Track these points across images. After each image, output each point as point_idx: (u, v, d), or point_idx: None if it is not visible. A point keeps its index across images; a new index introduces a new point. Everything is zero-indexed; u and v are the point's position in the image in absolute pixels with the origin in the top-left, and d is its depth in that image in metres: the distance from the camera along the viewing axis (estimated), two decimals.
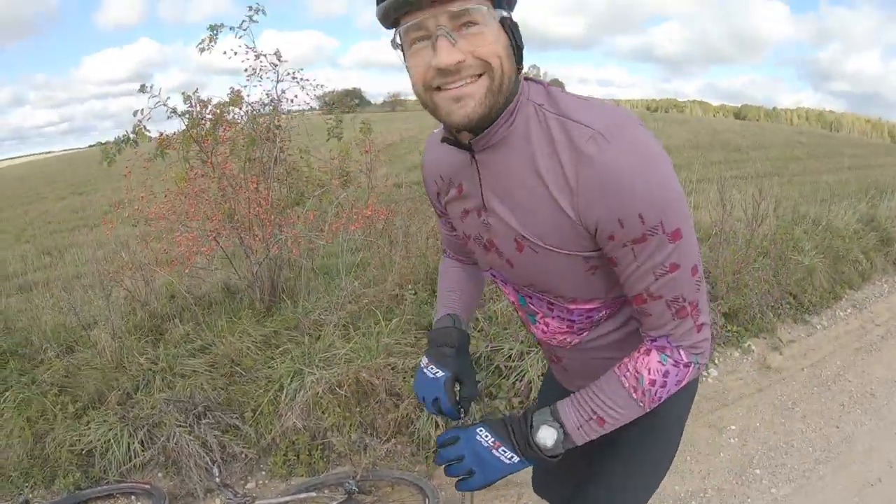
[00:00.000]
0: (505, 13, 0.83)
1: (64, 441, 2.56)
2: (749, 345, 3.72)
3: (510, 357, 2.71)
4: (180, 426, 2.48)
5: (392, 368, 2.55)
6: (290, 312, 3.35)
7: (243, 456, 2.49)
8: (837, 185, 7.95)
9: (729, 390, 3.32)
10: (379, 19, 0.84)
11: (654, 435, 1.17)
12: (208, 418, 2.50)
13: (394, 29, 0.85)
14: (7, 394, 2.84)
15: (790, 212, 5.73)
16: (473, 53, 0.80)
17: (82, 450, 2.53)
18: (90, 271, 5.07)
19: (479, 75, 0.82)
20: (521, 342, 2.76)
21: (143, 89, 3.08)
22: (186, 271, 3.56)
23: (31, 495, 2.51)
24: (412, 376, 2.54)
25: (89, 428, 2.57)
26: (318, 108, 4.10)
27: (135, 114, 3.09)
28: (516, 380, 2.67)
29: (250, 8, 3.27)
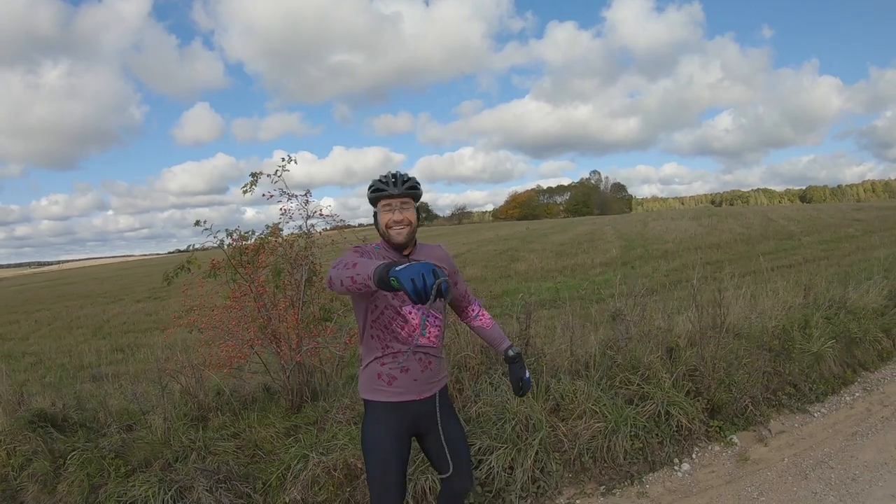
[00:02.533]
0: (416, 204, 2.26)
1: (114, 494, 3.29)
2: (732, 438, 3.87)
3: (481, 450, 3.36)
4: (206, 490, 3.15)
5: None
6: (311, 410, 4.04)
7: None
8: (887, 260, 7.77)
9: (696, 482, 3.50)
10: (369, 198, 2.22)
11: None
12: (227, 486, 3.15)
13: (379, 200, 2.22)
14: (73, 454, 3.65)
15: (821, 297, 5.83)
16: (406, 217, 2.20)
17: (127, 502, 3.22)
18: (153, 368, 5.95)
19: (407, 226, 2.20)
20: (493, 439, 3.40)
21: (197, 224, 3.99)
22: (226, 372, 4.30)
23: None
24: None
25: (134, 486, 3.28)
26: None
27: (189, 248, 4.05)
28: (488, 471, 3.29)
29: (283, 158, 4.20)
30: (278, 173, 4.21)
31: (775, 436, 3.93)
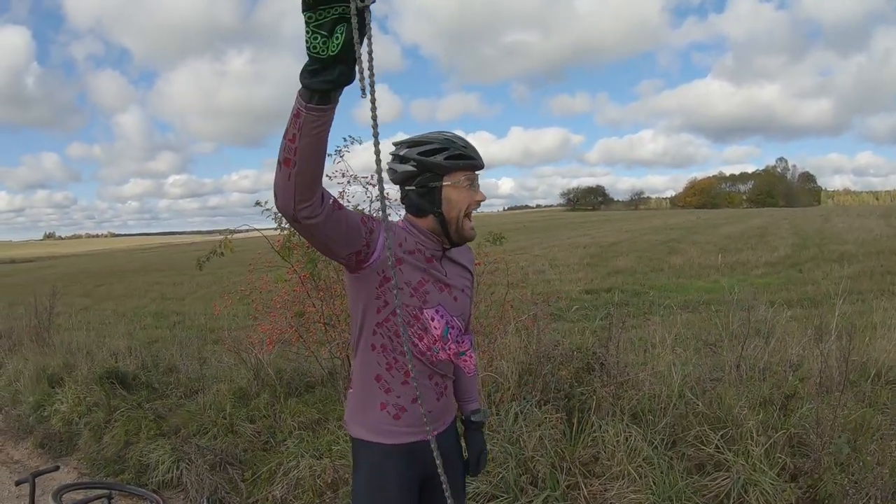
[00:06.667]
0: None
1: (138, 452, 3.67)
2: None
3: (478, 496, 2.93)
4: (208, 468, 3.30)
5: None
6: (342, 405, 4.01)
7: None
8: None
9: None
10: (440, 165, 1.47)
11: None
12: (219, 468, 3.26)
13: (461, 171, 1.50)
14: (122, 410, 4.13)
15: None
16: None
17: (144, 461, 3.58)
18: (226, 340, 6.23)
19: None
20: (494, 486, 2.93)
21: (258, 204, 4.14)
22: (256, 353, 4.45)
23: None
24: None
25: (155, 449, 3.61)
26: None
27: (226, 231, 4.21)
28: None
29: (344, 139, 4.16)
30: (341, 153, 4.22)
31: None
